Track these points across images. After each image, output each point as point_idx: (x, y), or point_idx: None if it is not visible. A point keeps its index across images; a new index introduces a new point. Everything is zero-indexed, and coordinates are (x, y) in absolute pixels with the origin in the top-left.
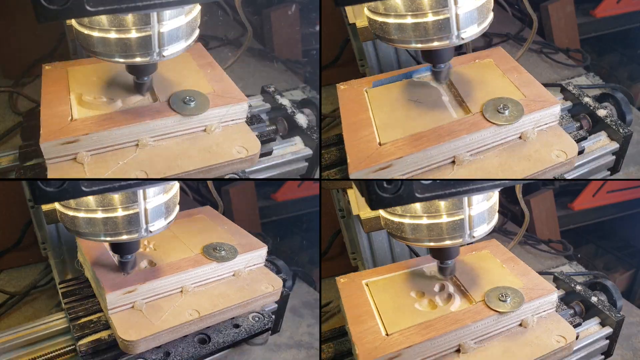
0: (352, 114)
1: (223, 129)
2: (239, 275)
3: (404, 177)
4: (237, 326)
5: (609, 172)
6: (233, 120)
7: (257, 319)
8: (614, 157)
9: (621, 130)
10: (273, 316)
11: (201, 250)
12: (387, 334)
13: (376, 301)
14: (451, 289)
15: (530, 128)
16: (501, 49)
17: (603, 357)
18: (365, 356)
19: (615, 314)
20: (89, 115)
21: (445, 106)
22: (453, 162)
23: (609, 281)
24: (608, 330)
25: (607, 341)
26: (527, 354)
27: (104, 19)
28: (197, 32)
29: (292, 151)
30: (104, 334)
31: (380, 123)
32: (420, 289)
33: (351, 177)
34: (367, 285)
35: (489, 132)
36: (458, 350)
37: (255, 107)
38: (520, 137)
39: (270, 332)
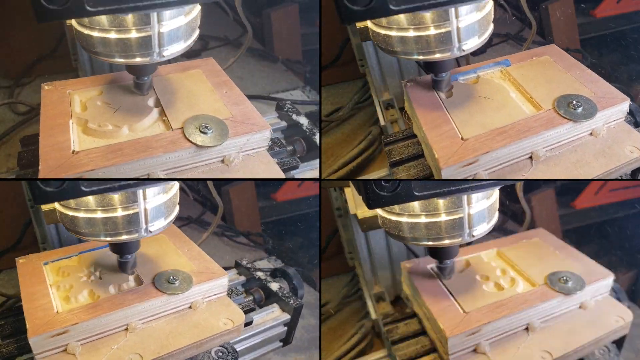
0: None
1: (207, 304)
2: (597, 135)
3: (487, 173)
4: None
5: (281, 344)
6: (215, 294)
7: (603, 352)
8: (285, 327)
9: (292, 302)
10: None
11: (545, 280)
12: None
13: None
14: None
15: (601, 125)
16: (555, 46)
17: (282, 343)
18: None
19: (294, 301)
20: (93, 147)
21: (515, 103)
22: (530, 157)
23: (292, 268)
24: (286, 316)
25: (285, 328)
26: (194, 335)
27: (104, 19)
28: (197, 32)
29: (272, 317)
30: None
31: (458, 120)
32: None
33: (442, 172)
34: None
35: (565, 128)
36: (126, 329)
37: (231, 281)
38: (591, 134)
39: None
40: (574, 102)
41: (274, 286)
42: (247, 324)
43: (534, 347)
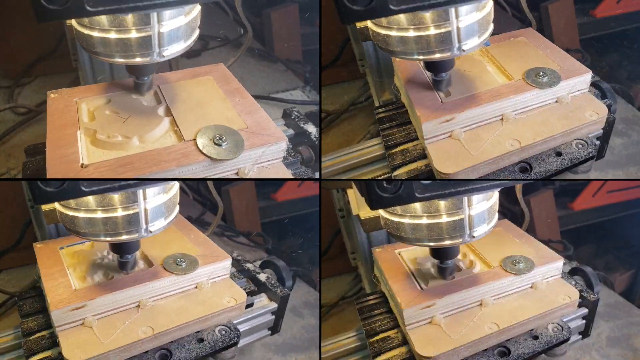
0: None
1: (211, 285)
2: (561, 102)
3: (463, 131)
4: (559, 154)
5: (269, 332)
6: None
7: (580, 146)
8: (273, 316)
9: (279, 292)
10: (598, 142)
11: (500, 263)
12: None
13: None
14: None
15: (565, 93)
16: (531, 29)
17: (270, 332)
18: None
19: (281, 290)
20: (103, 160)
21: (490, 74)
22: (501, 119)
23: (281, 261)
24: (273, 305)
25: (273, 316)
26: (199, 311)
27: (104, 19)
28: (197, 32)
29: (260, 306)
30: (420, 164)
31: None
32: None
33: (423, 126)
34: None
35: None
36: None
37: None
38: (556, 102)
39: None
40: (541, 72)
41: (262, 277)
42: (248, 305)
43: (484, 319)
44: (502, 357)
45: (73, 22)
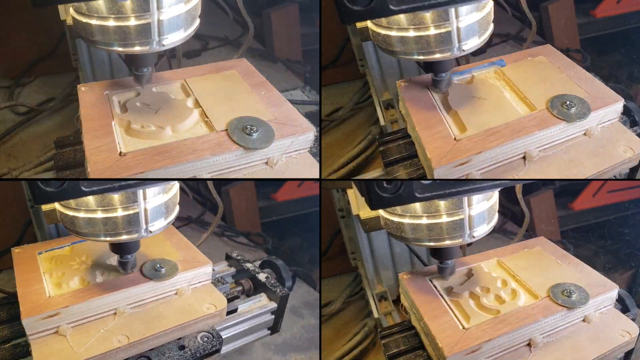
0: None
1: (192, 291)
2: (590, 135)
3: (480, 174)
4: None
5: (269, 332)
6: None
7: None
8: (272, 316)
9: (278, 291)
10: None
11: (547, 105)
12: None
13: None
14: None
15: (594, 125)
16: (550, 46)
17: (269, 331)
18: None
19: (280, 290)
20: (139, 149)
21: (509, 102)
22: (524, 157)
23: (280, 261)
24: (273, 305)
25: (273, 316)
26: (178, 318)
27: (102, 5)
28: (197, 21)
29: (259, 306)
30: None
31: (451, 120)
32: None
33: (435, 172)
34: None
35: (558, 128)
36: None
37: (221, 272)
38: (584, 134)
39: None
40: (568, 102)
41: (262, 276)
42: (232, 311)
43: None
44: None
45: (71, 10)
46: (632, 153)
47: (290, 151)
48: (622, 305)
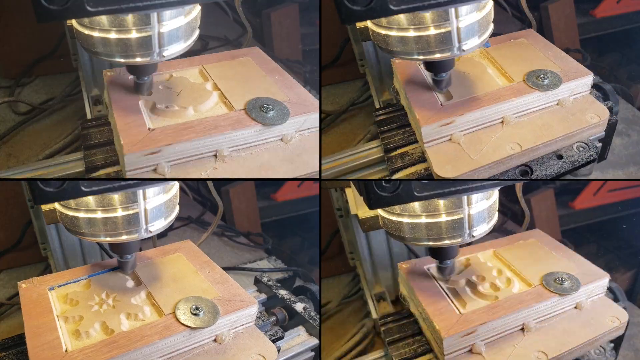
0: None
1: (234, 336)
2: (562, 104)
3: (463, 134)
4: (560, 157)
5: None
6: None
7: (581, 149)
8: (312, 353)
9: (319, 325)
10: (600, 144)
11: (523, 78)
12: None
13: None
14: (142, 296)
15: (566, 96)
16: (532, 30)
17: None
18: None
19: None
20: (166, 125)
21: (491, 76)
22: (502, 122)
23: (316, 285)
24: (313, 341)
25: (312, 353)
26: None
27: (104, 19)
28: (197, 32)
29: (299, 343)
30: (419, 168)
31: None
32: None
33: (422, 130)
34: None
35: (532, 97)
36: None
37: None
38: (557, 104)
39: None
40: (542, 75)
41: (299, 307)
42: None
43: (529, 347)
44: None
45: (73, 22)
46: (598, 119)
47: (303, 129)
48: (613, 296)
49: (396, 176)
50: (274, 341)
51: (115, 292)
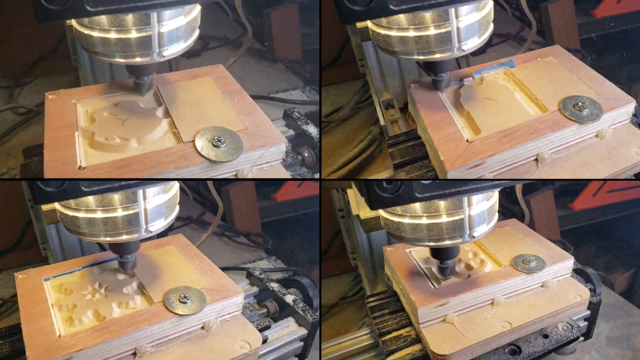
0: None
1: (220, 324)
2: (547, 286)
3: (493, 175)
4: (546, 336)
5: (297, 359)
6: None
7: (566, 328)
8: (302, 343)
9: (309, 316)
10: (585, 323)
11: (510, 261)
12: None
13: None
14: (134, 287)
15: (606, 126)
16: (559, 47)
17: (297, 359)
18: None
19: (310, 316)
20: (101, 162)
21: (520, 104)
22: (536, 159)
23: (306, 278)
24: (303, 332)
25: (302, 343)
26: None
27: (104, 19)
28: (197, 32)
29: (288, 332)
30: (414, 349)
31: (462, 122)
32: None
33: (448, 174)
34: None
35: (571, 130)
36: (134, 354)
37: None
38: (596, 136)
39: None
40: (580, 103)
41: (289, 299)
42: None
43: (496, 318)
44: (513, 355)
45: (73, 22)
46: (580, 299)
47: (261, 163)
48: (592, 285)
49: (391, 358)
50: (260, 330)
51: (107, 283)
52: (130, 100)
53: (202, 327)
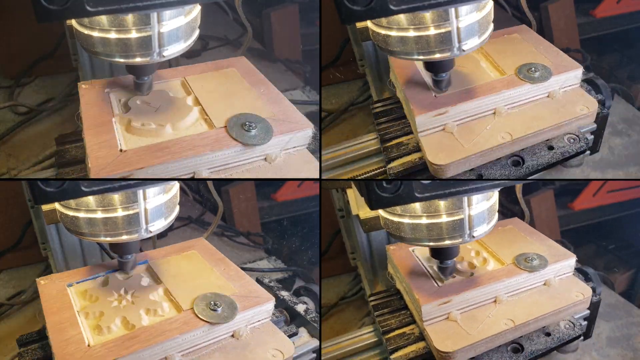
0: None
1: (251, 331)
2: (553, 97)
3: (456, 124)
4: (548, 334)
5: None
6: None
7: (572, 140)
8: (314, 355)
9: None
10: (591, 137)
11: (513, 260)
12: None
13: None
14: (160, 293)
15: (557, 88)
16: (525, 26)
17: None
18: None
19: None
20: (139, 146)
21: (484, 70)
22: (494, 113)
23: (316, 286)
24: (315, 343)
25: (314, 355)
26: None
27: (104, 19)
28: (197, 32)
29: (301, 344)
30: (414, 157)
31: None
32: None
33: (416, 120)
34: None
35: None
36: None
37: None
38: (548, 96)
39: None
40: (532, 68)
41: (300, 308)
42: None
43: (499, 315)
44: (516, 353)
45: (73, 22)
46: (587, 110)
47: (289, 148)
48: (593, 283)
49: (392, 165)
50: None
51: (133, 289)
52: (160, 90)
53: (232, 335)
